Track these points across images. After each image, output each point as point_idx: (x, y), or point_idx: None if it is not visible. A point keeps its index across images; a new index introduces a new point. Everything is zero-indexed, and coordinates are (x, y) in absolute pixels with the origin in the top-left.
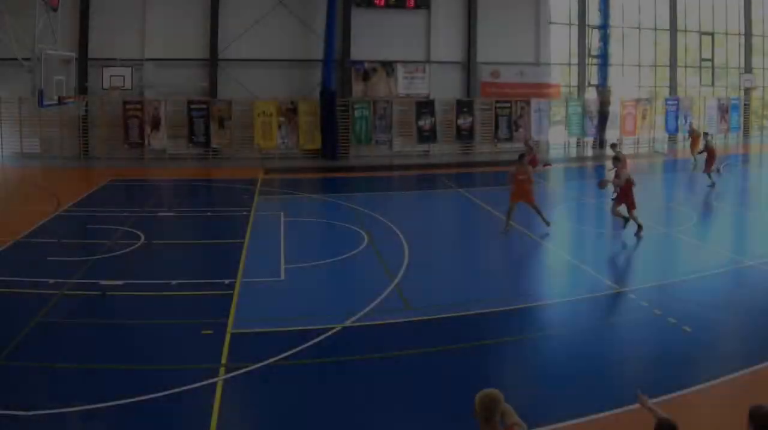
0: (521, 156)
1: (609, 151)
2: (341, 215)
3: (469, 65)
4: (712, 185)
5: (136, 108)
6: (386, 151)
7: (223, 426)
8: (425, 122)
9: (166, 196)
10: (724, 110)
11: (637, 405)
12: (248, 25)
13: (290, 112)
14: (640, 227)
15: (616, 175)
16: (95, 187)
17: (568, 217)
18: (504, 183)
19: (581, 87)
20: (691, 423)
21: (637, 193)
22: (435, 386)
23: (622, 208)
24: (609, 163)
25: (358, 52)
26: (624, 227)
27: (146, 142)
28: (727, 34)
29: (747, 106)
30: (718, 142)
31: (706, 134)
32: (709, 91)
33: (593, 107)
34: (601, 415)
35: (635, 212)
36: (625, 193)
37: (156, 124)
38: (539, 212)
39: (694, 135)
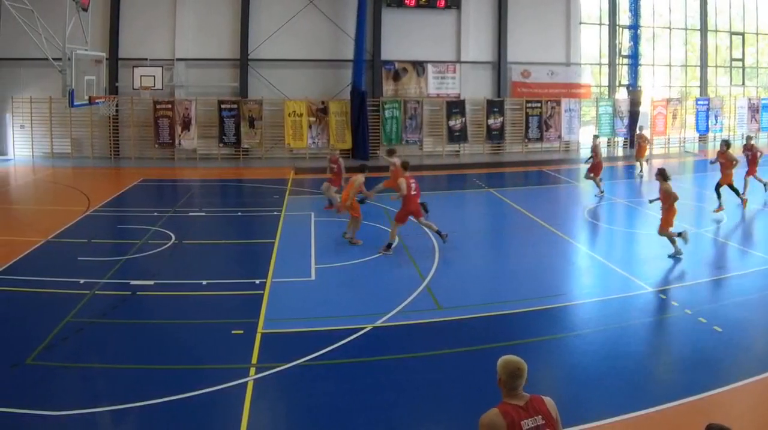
0: (363, 167)
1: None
2: (372, 215)
3: (499, 65)
4: (601, 193)
5: (167, 108)
6: (416, 151)
7: (254, 426)
8: (455, 122)
9: (197, 196)
10: (754, 110)
11: (666, 405)
12: (279, 25)
13: (321, 112)
14: (389, 245)
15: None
16: (126, 187)
17: (598, 216)
18: (535, 183)
19: (612, 87)
20: (723, 423)
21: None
22: (466, 387)
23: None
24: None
25: (388, 52)
26: (444, 240)
27: (177, 142)
28: (758, 34)
29: None
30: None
31: (596, 137)
32: (739, 91)
33: (624, 107)
34: (631, 415)
35: (397, 228)
36: (408, 203)
37: (186, 125)
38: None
39: (641, 140)
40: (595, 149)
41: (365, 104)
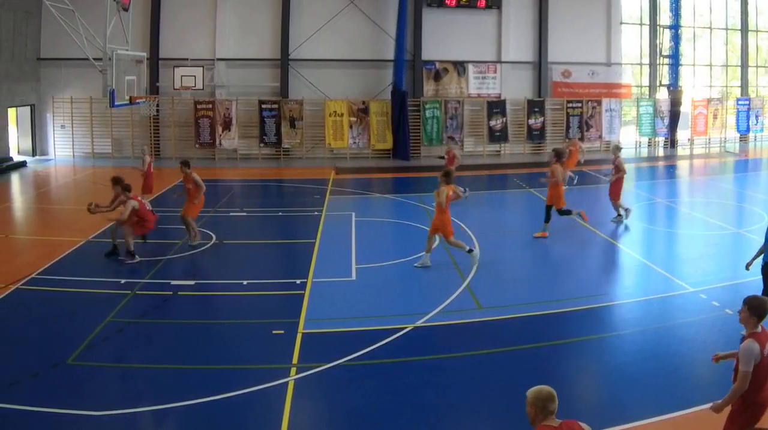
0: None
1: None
2: (412, 215)
3: (540, 65)
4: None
5: (208, 108)
6: (457, 151)
7: (294, 426)
8: (496, 122)
9: (238, 196)
10: None
11: (707, 406)
12: (319, 25)
13: (361, 112)
14: (129, 253)
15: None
16: (167, 187)
17: (638, 217)
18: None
19: (652, 87)
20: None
21: (711, 192)
22: (507, 387)
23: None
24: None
25: (429, 52)
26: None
27: (217, 142)
28: None
29: None
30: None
31: (451, 139)
32: None
33: (664, 107)
34: (672, 415)
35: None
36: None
37: (227, 125)
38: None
39: (573, 147)
40: (448, 153)
41: (406, 104)
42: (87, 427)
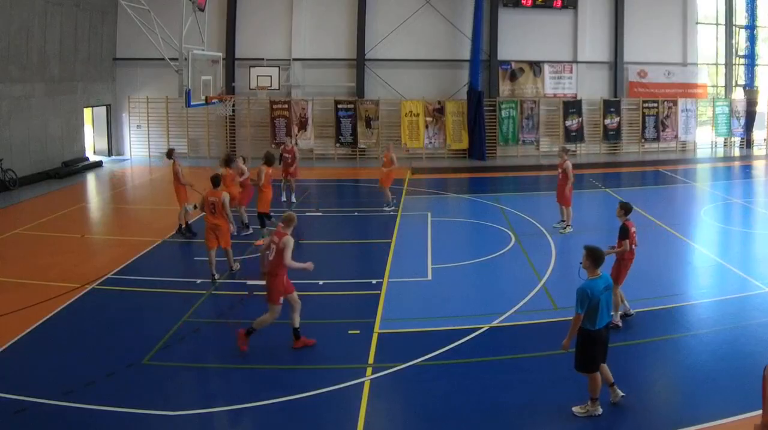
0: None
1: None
2: (488, 215)
3: (616, 65)
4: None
5: (283, 108)
6: (533, 151)
7: (370, 426)
8: (572, 122)
9: (314, 196)
10: None
11: None
12: (395, 25)
13: (437, 112)
14: None
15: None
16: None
17: (714, 216)
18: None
19: (728, 87)
20: None
21: None
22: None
23: None
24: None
25: (505, 52)
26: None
27: (293, 141)
28: None
29: None
30: None
31: (283, 144)
32: None
33: (740, 107)
34: (747, 415)
35: None
36: None
37: (303, 124)
38: None
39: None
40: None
41: (482, 104)
42: (162, 427)
